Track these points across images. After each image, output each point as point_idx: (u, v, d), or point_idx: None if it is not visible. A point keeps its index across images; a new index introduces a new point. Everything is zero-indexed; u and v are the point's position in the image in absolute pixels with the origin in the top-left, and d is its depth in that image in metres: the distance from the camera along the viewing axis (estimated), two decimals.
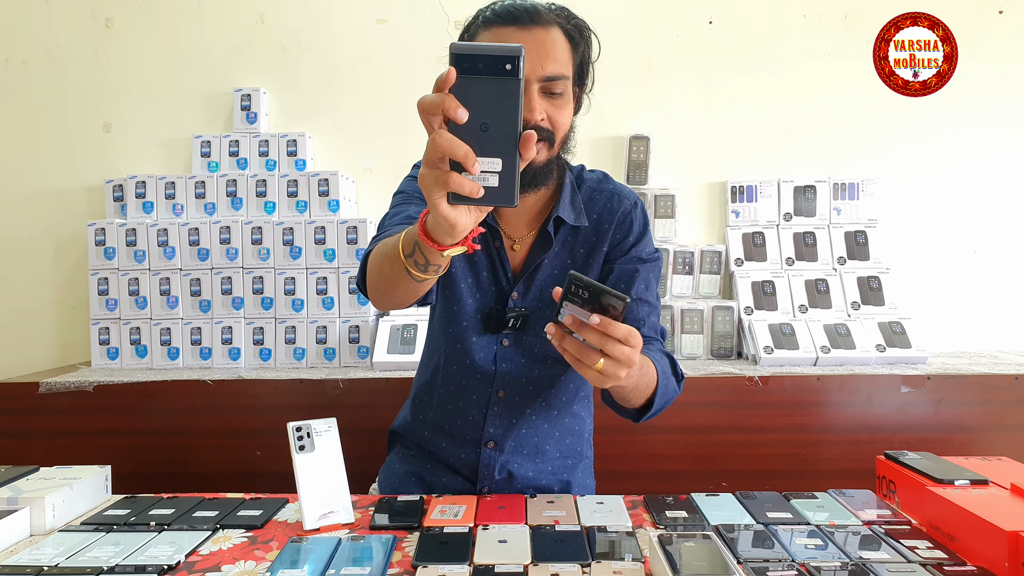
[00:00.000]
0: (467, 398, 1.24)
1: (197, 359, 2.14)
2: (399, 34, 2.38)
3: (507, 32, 1.05)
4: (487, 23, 1.07)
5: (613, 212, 1.22)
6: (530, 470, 1.26)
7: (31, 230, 2.42)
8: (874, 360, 2.03)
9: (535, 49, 1.03)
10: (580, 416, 1.33)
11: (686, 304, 2.21)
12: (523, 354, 1.22)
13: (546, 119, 1.06)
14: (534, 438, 1.26)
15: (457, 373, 1.24)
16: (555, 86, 1.06)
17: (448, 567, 0.89)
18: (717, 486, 1.36)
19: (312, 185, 2.22)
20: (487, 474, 1.25)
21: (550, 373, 1.24)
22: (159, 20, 2.40)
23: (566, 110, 1.09)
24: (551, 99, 1.07)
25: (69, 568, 0.90)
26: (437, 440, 1.28)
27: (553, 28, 1.06)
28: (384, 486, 1.35)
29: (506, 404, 1.24)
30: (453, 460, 1.27)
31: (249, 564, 0.93)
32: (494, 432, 1.24)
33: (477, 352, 1.22)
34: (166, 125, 2.41)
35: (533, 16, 1.05)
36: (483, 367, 1.22)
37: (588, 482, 1.35)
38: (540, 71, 1.04)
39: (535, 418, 1.26)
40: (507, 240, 1.22)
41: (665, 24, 2.37)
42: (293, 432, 1.06)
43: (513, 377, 1.22)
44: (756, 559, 0.90)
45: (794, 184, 2.33)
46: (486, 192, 0.73)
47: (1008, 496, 0.97)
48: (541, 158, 1.08)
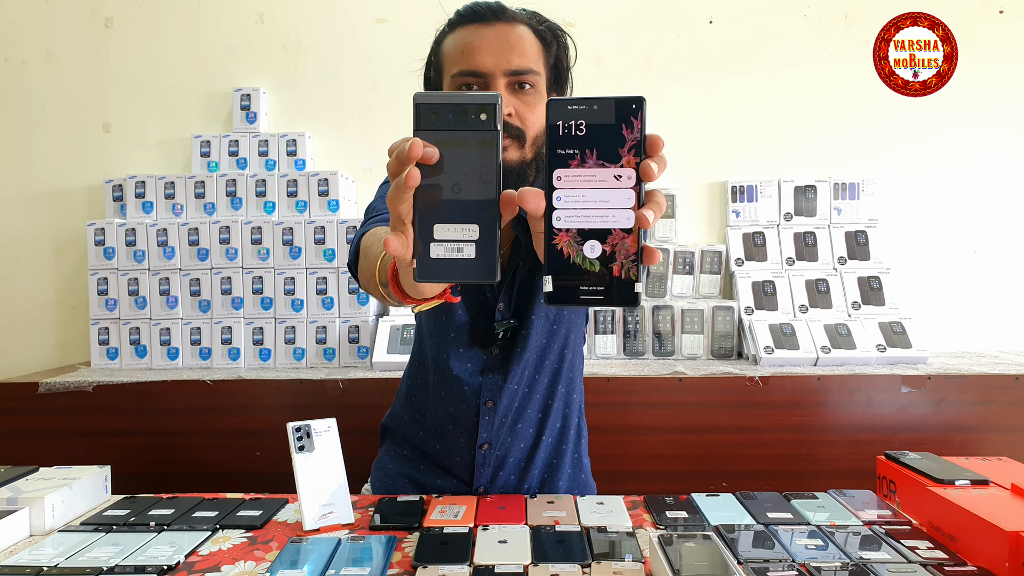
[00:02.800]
0: (457, 405, 1.21)
1: (197, 359, 2.14)
2: (399, 34, 2.38)
3: (471, 29, 1.03)
4: (452, 26, 1.07)
5: None
6: (523, 461, 1.25)
7: (31, 230, 2.42)
8: (874, 360, 2.03)
9: (499, 43, 1.01)
10: (571, 418, 1.30)
11: (686, 304, 2.21)
12: (512, 359, 1.18)
13: (514, 115, 1.02)
14: (527, 440, 1.25)
15: (447, 380, 1.20)
16: (523, 79, 1.03)
17: (448, 567, 0.89)
18: (717, 486, 1.36)
19: (312, 185, 2.22)
20: (483, 473, 1.24)
21: (538, 376, 1.22)
22: (159, 20, 2.40)
23: (538, 108, 1.04)
24: (520, 94, 1.03)
25: (69, 568, 0.90)
26: (431, 442, 1.27)
27: (519, 25, 1.05)
28: (377, 486, 1.33)
29: (496, 412, 1.21)
30: (448, 462, 1.26)
31: (249, 564, 0.93)
32: (487, 436, 1.22)
33: (464, 363, 1.18)
34: (166, 125, 2.41)
35: (496, 12, 1.03)
36: (469, 380, 1.18)
37: (590, 484, 1.35)
38: (505, 64, 1.01)
39: (527, 422, 1.24)
40: None
41: (665, 24, 2.37)
42: (293, 432, 1.06)
43: (499, 386, 1.19)
44: (756, 559, 0.90)
45: (794, 184, 2.33)
46: (460, 265, 0.63)
47: (1008, 496, 0.97)
48: (512, 157, 1.03)
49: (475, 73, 1.02)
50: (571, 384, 1.28)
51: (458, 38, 1.04)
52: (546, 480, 1.27)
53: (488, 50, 1.01)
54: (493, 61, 1.00)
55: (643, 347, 2.18)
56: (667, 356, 2.18)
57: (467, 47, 1.02)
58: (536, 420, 1.25)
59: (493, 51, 1.00)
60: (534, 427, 1.25)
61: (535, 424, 1.25)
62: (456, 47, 1.04)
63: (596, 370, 1.95)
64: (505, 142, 0.99)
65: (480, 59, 1.01)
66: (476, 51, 1.01)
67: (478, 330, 1.16)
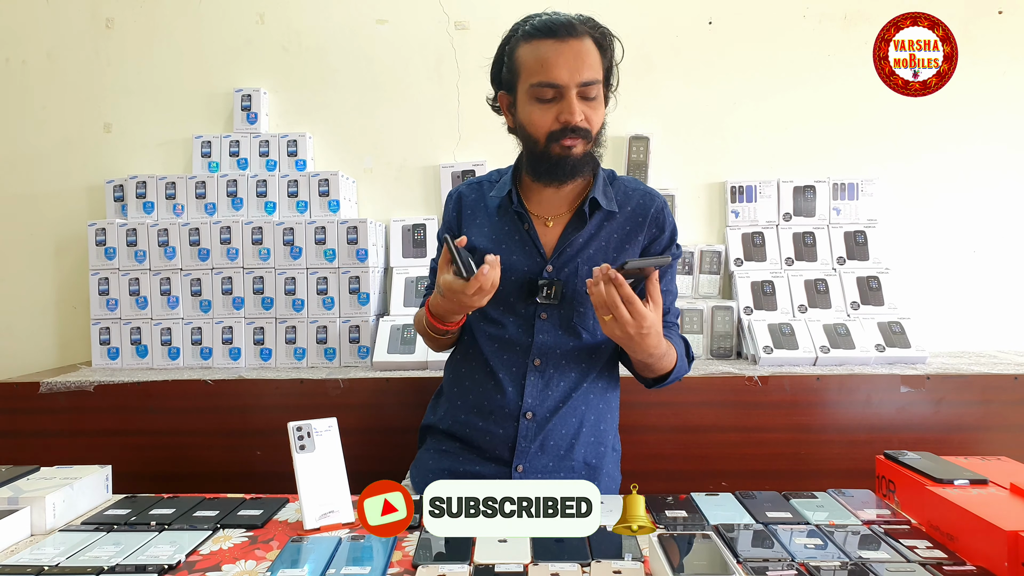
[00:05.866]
0: (506, 370, 1.30)
1: (197, 359, 2.15)
2: (399, 34, 2.38)
3: (548, 44, 1.19)
4: (527, 36, 1.22)
5: (647, 208, 1.34)
6: (563, 447, 1.29)
7: (31, 230, 2.42)
8: (873, 360, 2.03)
9: (573, 58, 1.18)
10: (609, 401, 1.36)
11: (686, 304, 2.21)
12: (560, 327, 1.29)
13: (584, 119, 1.21)
14: (571, 416, 1.29)
15: (495, 350, 1.31)
16: (590, 91, 1.21)
17: (448, 567, 0.89)
18: (717, 486, 1.36)
19: (312, 185, 2.22)
20: (524, 447, 1.27)
21: (585, 347, 1.31)
22: (159, 20, 2.40)
23: (600, 111, 1.24)
24: (587, 102, 1.21)
25: (70, 568, 0.91)
26: (474, 421, 1.31)
27: (586, 38, 1.21)
28: (417, 483, 1.37)
29: (542, 374, 1.29)
30: (491, 439, 1.29)
31: (249, 564, 0.93)
32: (532, 403, 1.28)
33: (515, 325, 1.30)
34: (166, 125, 2.41)
35: (569, 29, 1.19)
36: (520, 339, 1.29)
37: (616, 474, 1.38)
38: (578, 77, 1.19)
39: (570, 392, 1.30)
40: (538, 220, 1.33)
41: (665, 24, 2.37)
42: (293, 432, 1.07)
43: (549, 347, 1.29)
44: (756, 559, 0.91)
45: (793, 184, 2.33)
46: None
47: (1007, 496, 0.97)
48: (579, 151, 1.22)
49: (553, 85, 1.19)
50: (610, 361, 1.36)
51: (537, 51, 1.20)
52: (584, 459, 1.31)
53: (564, 65, 1.18)
54: (568, 75, 1.18)
55: None
56: None
57: (545, 61, 1.19)
58: (578, 387, 1.30)
59: (568, 67, 1.18)
60: (578, 394, 1.30)
61: (578, 391, 1.30)
62: (535, 59, 1.20)
63: None
64: (577, 141, 1.21)
65: (557, 73, 1.19)
66: (554, 66, 1.19)
67: (525, 283, 1.30)
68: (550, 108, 1.21)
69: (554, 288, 1.27)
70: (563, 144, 1.21)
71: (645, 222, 1.33)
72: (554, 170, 1.24)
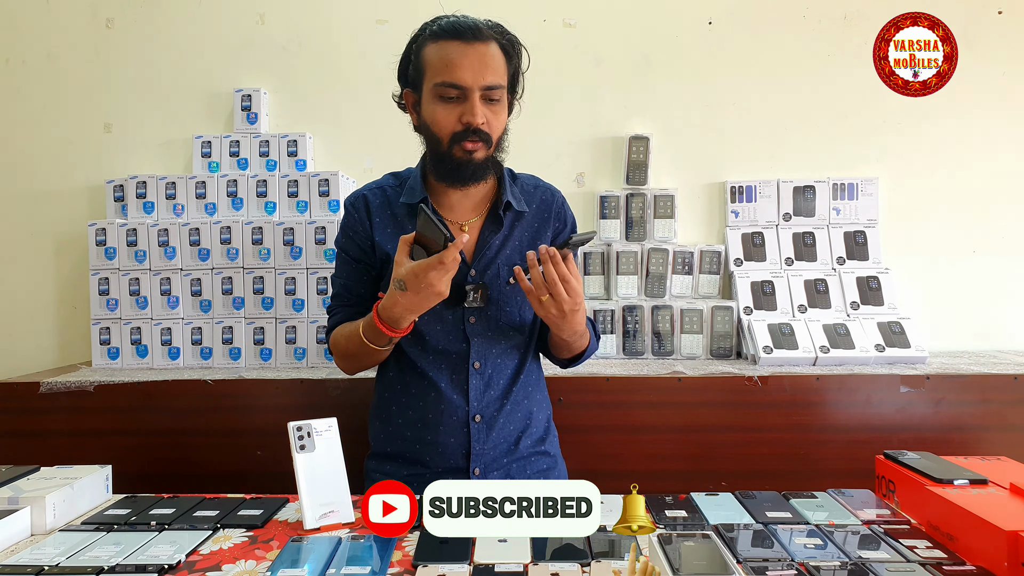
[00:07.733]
0: (447, 378, 1.31)
1: (198, 359, 2.15)
2: (399, 34, 2.36)
3: (454, 46, 1.21)
4: (434, 36, 1.24)
5: (550, 204, 1.41)
6: (512, 440, 1.33)
7: (31, 230, 2.42)
8: (873, 360, 2.03)
9: (478, 61, 1.21)
10: (542, 388, 1.43)
11: (685, 304, 2.21)
12: (489, 328, 1.33)
13: (486, 123, 1.23)
14: (516, 410, 1.34)
15: (432, 361, 1.32)
16: (493, 94, 1.23)
17: (448, 567, 0.89)
18: (717, 486, 1.36)
19: (312, 185, 2.22)
20: (479, 450, 1.29)
21: (514, 342, 1.35)
22: (159, 20, 2.40)
23: (502, 115, 1.27)
24: (490, 105, 1.24)
25: (70, 568, 0.91)
26: (422, 435, 1.31)
27: (492, 43, 1.23)
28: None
29: (482, 376, 1.31)
30: (443, 450, 1.30)
31: (249, 564, 0.93)
32: (478, 406, 1.31)
33: (445, 333, 1.31)
34: (166, 125, 2.41)
35: (476, 33, 1.22)
36: (455, 346, 1.31)
37: (560, 460, 1.43)
38: (481, 80, 1.21)
39: (510, 386, 1.34)
40: (453, 226, 1.34)
41: (665, 24, 2.37)
42: (293, 432, 1.07)
43: (485, 349, 1.32)
44: (755, 559, 0.91)
45: (793, 184, 2.33)
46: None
47: (1007, 496, 0.97)
48: (481, 156, 1.25)
49: (456, 86, 1.21)
50: (536, 360, 1.44)
51: (442, 51, 1.22)
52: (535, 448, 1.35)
53: (468, 67, 1.21)
54: (472, 77, 1.20)
55: (642, 347, 2.19)
56: (666, 356, 2.18)
57: (450, 62, 1.21)
58: (516, 382, 1.35)
59: (472, 69, 1.20)
60: (517, 389, 1.35)
61: (517, 386, 1.35)
62: (440, 59, 1.22)
63: (595, 370, 1.96)
64: (477, 145, 1.23)
65: (461, 74, 1.21)
66: (458, 67, 1.21)
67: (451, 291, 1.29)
68: (453, 108, 1.22)
69: (480, 292, 1.30)
70: (464, 147, 1.23)
71: (550, 217, 1.40)
72: (456, 172, 1.26)
